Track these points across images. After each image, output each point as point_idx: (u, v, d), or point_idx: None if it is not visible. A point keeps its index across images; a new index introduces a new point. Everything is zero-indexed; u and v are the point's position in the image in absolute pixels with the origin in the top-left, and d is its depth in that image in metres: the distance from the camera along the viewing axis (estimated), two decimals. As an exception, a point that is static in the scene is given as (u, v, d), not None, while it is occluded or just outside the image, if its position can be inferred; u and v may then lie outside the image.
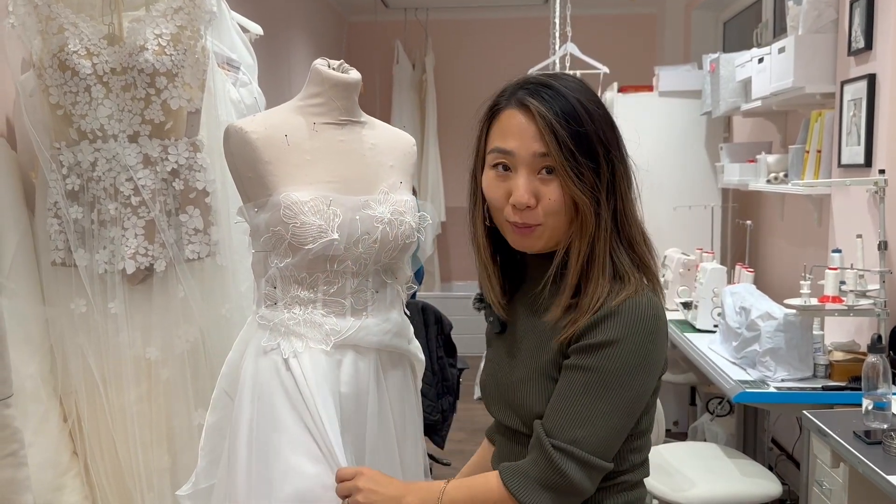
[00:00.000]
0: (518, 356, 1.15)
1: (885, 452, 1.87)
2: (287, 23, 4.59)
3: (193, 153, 1.74)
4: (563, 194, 1.06)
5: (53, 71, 1.65)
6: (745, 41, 4.27)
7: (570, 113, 1.05)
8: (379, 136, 1.49)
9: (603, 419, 1.03)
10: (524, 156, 1.07)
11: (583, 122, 1.05)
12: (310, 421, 1.29)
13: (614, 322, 1.03)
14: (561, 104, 1.05)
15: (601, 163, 1.06)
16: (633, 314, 1.03)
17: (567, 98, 1.06)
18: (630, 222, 1.10)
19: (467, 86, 6.07)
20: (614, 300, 1.04)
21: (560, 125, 1.04)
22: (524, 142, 1.07)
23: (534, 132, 1.06)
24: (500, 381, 1.17)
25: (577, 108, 1.05)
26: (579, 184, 1.05)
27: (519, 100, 1.08)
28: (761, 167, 3.36)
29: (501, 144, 1.09)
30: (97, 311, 1.71)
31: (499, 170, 1.10)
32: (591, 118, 1.06)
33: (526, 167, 1.07)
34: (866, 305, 2.45)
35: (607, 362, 1.03)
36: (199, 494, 1.43)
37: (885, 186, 2.43)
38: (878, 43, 2.56)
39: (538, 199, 1.07)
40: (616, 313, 1.03)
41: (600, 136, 1.06)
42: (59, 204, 1.70)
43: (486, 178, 1.12)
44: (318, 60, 1.42)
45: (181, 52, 1.70)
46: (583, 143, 1.05)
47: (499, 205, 1.10)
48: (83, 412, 1.74)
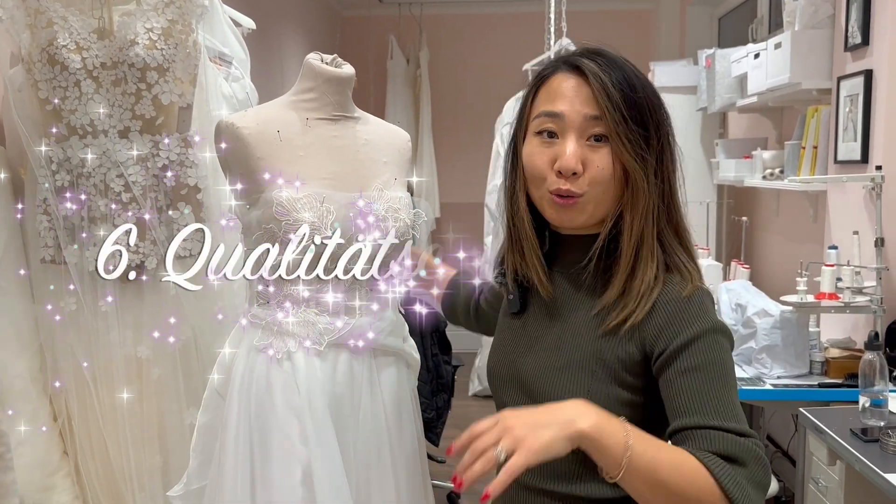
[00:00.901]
0: (545, 342, 1.08)
1: (882, 450, 1.87)
2: (280, 17, 4.56)
3: (185, 149, 1.72)
4: (613, 163, 1.01)
5: (42, 65, 1.63)
6: (741, 37, 4.26)
7: (624, 79, 1.01)
8: (373, 131, 1.47)
9: (736, 405, 0.97)
10: (574, 119, 1.01)
11: (636, 89, 1.01)
12: (303, 421, 1.27)
13: (700, 311, 0.99)
14: (614, 69, 1.02)
15: (652, 134, 1.02)
16: (698, 300, 1.00)
17: (621, 65, 1.03)
18: (675, 207, 1.06)
19: (462, 81, 6.04)
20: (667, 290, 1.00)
21: (615, 88, 1.00)
22: (574, 105, 1.01)
23: (586, 95, 1.01)
24: (518, 366, 1.10)
25: (630, 75, 1.02)
26: (632, 151, 1.00)
27: (571, 63, 1.04)
28: (757, 163, 3.35)
29: (549, 107, 1.03)
30: (87, 308, 1.68)
31: (544, 136, 1.04)
32: (644, 87, 1.03)
33: (575, 131, 1.02)
34: (863, 302, 2.44)
35: (709, 353, 0.97)
36: (191, 495, 1.41)
37: (882, 183, 2.42)
38: (875, 39, 2.55)
39: (585, 166, 1.01)
40: (695, 302, 1.00)
41: (652, 107, 1.03)
42: (48, 200, 1.67)
43: (529, 146, 1.06)
44: (311, 55, 1.40)
45: (172, 46, 1.68)
46: (636, 110, 1.01)
47: (541, 173, 1.04)
48: (73, 411, 1.72)
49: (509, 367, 1.12)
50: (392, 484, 1.39)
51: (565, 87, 1.03)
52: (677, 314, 0.99)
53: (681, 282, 1.02)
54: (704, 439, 0.93)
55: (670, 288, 1.01)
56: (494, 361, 1.16)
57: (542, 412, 0.91)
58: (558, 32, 4.38)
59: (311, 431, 1.29)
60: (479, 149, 5.32)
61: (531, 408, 0.93)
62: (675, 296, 1.00)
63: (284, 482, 1.27)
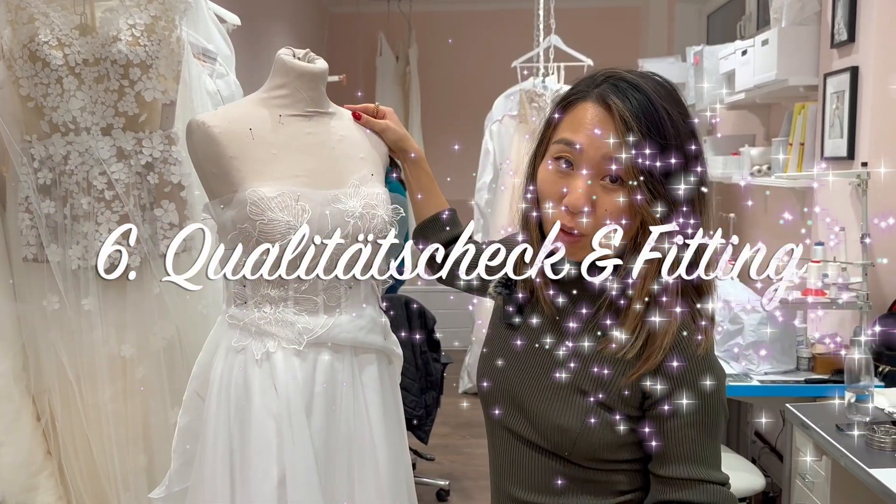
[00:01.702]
0: (542, 359, 1.07)
1: (867, 445, 1.88)
2: (267, 13, 4.54)
3: (168, 146, 1.71)
4: (626, 207, 0.97)
5: (24, 62, 1.61)
6: (729, 34, 4.27)
7: (655, 122, 0.95)
8: (349, 127, 1.45)
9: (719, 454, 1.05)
10: (592, 155, 0.97)
11: (667, 135, 0.95)
12: (280, 423, 1.27)
13: (709, 369, 1.00)
14: (646, 109, 0.95)
15: (676, 183, 0.96)
16: (702, 364, 1.00)
17: (654, 105, 0.96)
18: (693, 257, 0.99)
19: (451, 78, 6.04)
20: (697, 348, 0.99)
21: (641, 132, 0.94)
22: (595, 141, 0.97)
23: (609, 133, 0.96)
24: (512, 381, 1.09)
25: (663, 117, 0.96)
26: (649, 199, 0.95)
27: (601, 94, 0.98)
28: (745, 160, 3.35)
29: (571, 137, 0.99)
30: (70, 307, 1.67)
31: (560, 164, 1.00)
32: (677, 132, 0.96)
33: (590, 168, 0.98)
34: (849, 298, 2.46)
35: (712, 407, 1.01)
36: (173, 497, 1.40)
37: (868, 179, 2.44)
38: (861, 35, 2.56)
39: (594, 205, 0.97)
40: (706, 359, 1.00)
41: (684, 154, 0.97)
42: (30, 198, 1.66)
43: (544, 170, 1.03)
44: (283, 50, 1.37)
45: (155, 42, 1.67)
46: (662, 156, 0.95)
47: (552, 199, 1.01)
48: (57, 411, 1.70)
49: (502, 380, 1.10)
50: (375, 481, 1.38)
51: (589, 118, 0.99)
52: (688, 373, 0.99)
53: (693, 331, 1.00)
54: (691, 490, 1.01)
55: (681, 339, 0.99)
56: (486, 372, 1.13)
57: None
58: (547, 29, 4.38)
59: (286, 433, 1.28)
60: (468, 146, 5.32)
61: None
62: (685, 345, 0.99)
63: (263, 484, 1.26)
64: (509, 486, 1.10)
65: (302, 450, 1.28)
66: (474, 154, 4.78)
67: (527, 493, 1.08)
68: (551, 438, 1.04)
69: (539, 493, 1.07)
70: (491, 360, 1.13)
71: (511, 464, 1.10)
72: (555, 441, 1.03)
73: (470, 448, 3.93)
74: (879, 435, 1.87)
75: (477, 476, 3.58)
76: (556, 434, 1.03)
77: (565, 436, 1.02)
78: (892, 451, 1.84)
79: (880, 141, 2.51)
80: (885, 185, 2.50)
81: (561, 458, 1.05)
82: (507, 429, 1.10)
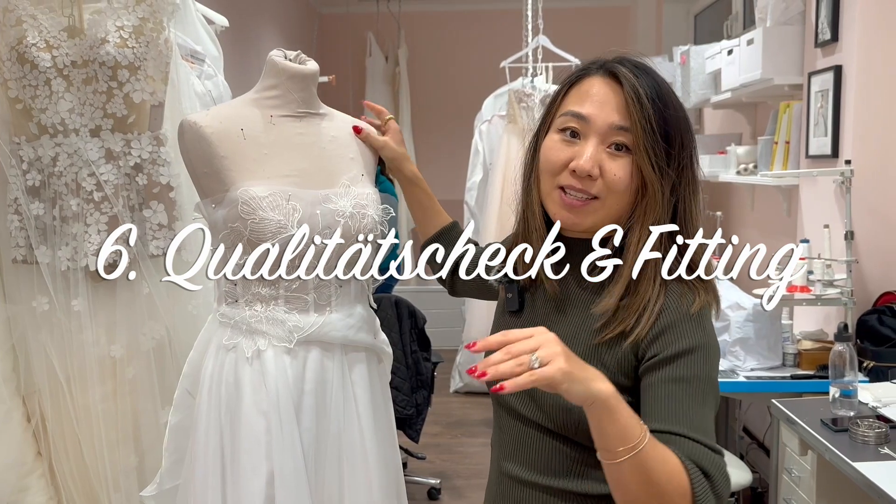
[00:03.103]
0: None
1: (852, 439, 1.90)
2: (257, 14, 4.54)
3: (157, 147, 1.72)
4: (631, 174, 1.02)
5: (12, 64, 1.62)
6: (716, 33, 4.30)
7: (658, 94, 1.01)
8: (339, 127, 1.47)
9: (711, 424, 1.01)
10: (599, 125, 1.02)
11: (668, 106, 1.02)
12: (270, 420, 1.28)
13: (698, 326, 1.01)
14: (650, 82, 1.02)
15: (675, 152, 1.02)
16: (699, 314, 1.01)
17: (657, 80, 1.03)
18: (691, 229, 1.05)
19: (441, 78, 6.05)
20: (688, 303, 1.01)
21: (648, 100, 1.00)
22: (603, 110, 1.02)
23: (617, 103, 1.02)
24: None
25: (665, 92, 1.03)
26: (654, 163, 1.00)
27: (609, 69, 1.04)
28: (731, 159, 3.38)
29: (577, 108, 1.04)
30: (60, 308, 1.67)
31: (566, 135, 1.04)
32: (676, 107, 1.03)
33: (597, 136, 1.02)
34: (833, 294, 2.48)
35: (698, 368, 1.00)
36: (164, 495, 1.41)
37: (851, 177, 2.46)
38: (844, 34, 2.59)
39: (601, 172, 1.02)
40: (698, 318, 1.01)
41: (681, 127, 1.03)
42: (19, 200, 1.66)
43: (549, 140, 1.06)
44: (274, 51, 1.39)
45: (143, 44, 1.67)
46: (665, 125, 1.01)
47: (555, 168, 1.04)
48: (47, 412, 1.70)
49: None
50: (364, 478, 1.39)
51: (597, 90, 1.03)
52: (677, 324, 1.00)
53: (687, 293, 1.02)
54: (678, 446, 0.95)
55: (673, 297, 1.02)
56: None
57: (575, 357, 0.91)
58: (535, 30, 4.40)
59: (276, 430, 1.29)
60: (458, 146, 5.34)
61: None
62: (677, 305, 1.01)
63: (253, 481, 1.28)
64: (513, 467, 1.11)
65: (291, 447, 1.29)
66: (464, 154, 4.80)
67: (530, 474, 1.09)
68: (557, 419, 1.05)
69: (543, 475, 1.08)
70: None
71: (516, 445, 1.11)
72: (561, 421, 1.05)
73: (461, 447, 3.94)
74: (863, 429, 1.89)
75: (468, 475, 3.60)
76: (562, 414, 1.04)
77: (570, 416, 1.03)
78: (876, 445, 1.86)
79: (863, 139, 2.54)
80: (867, 183, 2.53)
81: (567, 440, 1.06)
82: (513, 411, 1.12)
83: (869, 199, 2.53)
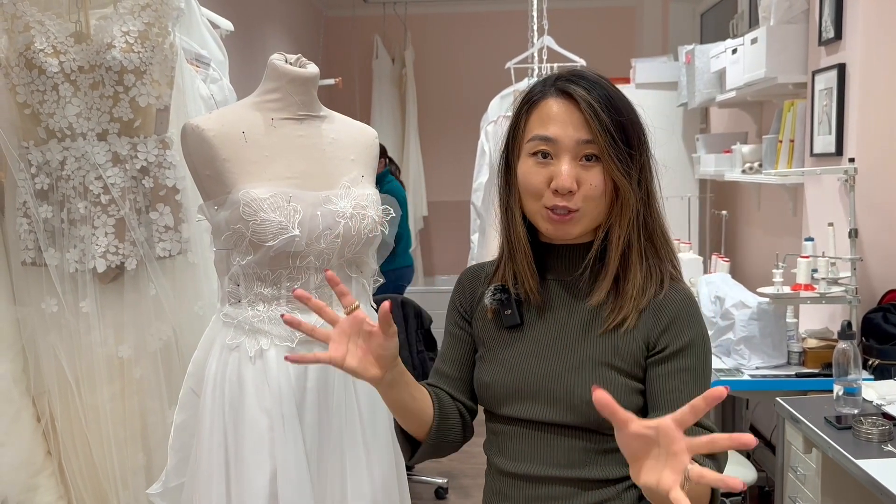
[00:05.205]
0: (553, 347, 1.14)
1: (855, 437, 1.90)
2: (263, 18, 4.57)
3: (163, 150, 1.74)
4: (605, 180, 1.09)
5: (20, 70, 1.64)
6: (722, 32, 4.30)
7: (610, 103, 1.09)
8: (339, 129, 1.49)
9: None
10: (567, 143, 1.09)
11: (621, 111, 1.09)
12: (274, 419, 1.29)
13: (696, 314, 1.11)
14: (600, 92, 1.09)
15: (635, 150, 1.11)
16: (695, 304, 1.12)
17: (604, 87, 1.10)
18: (656, 212, 1.15)
19: (447, 80, 6.06)
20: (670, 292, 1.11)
21: (603, 112, 1.08)
22: (567, 129, 1.09)
23: (577, 120, 1.09)
24: (529, 375, 1.13)
25: (615, 98, 1.10)
26: (621, 168, 1.09)
27: (560, 88, 1.11)
28: (737, 157, 3.38)
29: (543, 132, 1.11)
30: (68, 310, 1.70)
31: (538, 157, 1.11)
32: (627, 108, 1.11)
33: (568, 153, 1.09)
34: (838, 293, 2.48)
35: (700, 358, 1.10)
36: (170, 493, 1.43)
37: (855, 175, 2.46)
38: (848, 33, 2.59)
39: (579, 184, 1.09)
40: (694, 304, 1.11)
41: (635, 126, 1.11)
42: (28, 203, 1.69)
43: (525, 165, 1.13)
44: (275, 55, 1.41)
45: (149, 49, 1.70)
46: (622, 131, 1.09)
47: (537, 191, 1.11)
48: (56, 411, 1.73)
49: (519, 378, 1.15)
50: (367, 475, 1.41)
51: (556, 111, 1.10)
52: (683, 315, 1.10)
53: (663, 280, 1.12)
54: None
55: (677, 291, 1.11)
56: (499, 376, 1.16)
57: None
58: (541, 30, 4.41)
59: (278, 428, 1.31)
60: (465, 147, 5.34)
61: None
62: (682, 297, 1.11)
63: (257, 478, 1.29)
64: (526, 467, 1.14)
65: (294, 444, 1.31)
66: (471, 155, 4.80)
67: (547, 469, 1.12)
68: (583, 413, 1.09)
69: (561, 468, 1.12)
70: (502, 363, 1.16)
71: (527, 448, 1.14)
72: (587, 415, 1.09)
73: (468, 446, 3.92)
74: (867, 427, 1.89)
75: (475, 474, 3.61)
76: (588, 408, 1.07)
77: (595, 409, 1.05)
78: (880, 442, 1.86)
79: (867, 137, 2.54)
80: (871, 181, 2.52)
81: (583, 432, 1.11)
82: (526, 421, 1.14)
83: (873, 197, 2.53)
